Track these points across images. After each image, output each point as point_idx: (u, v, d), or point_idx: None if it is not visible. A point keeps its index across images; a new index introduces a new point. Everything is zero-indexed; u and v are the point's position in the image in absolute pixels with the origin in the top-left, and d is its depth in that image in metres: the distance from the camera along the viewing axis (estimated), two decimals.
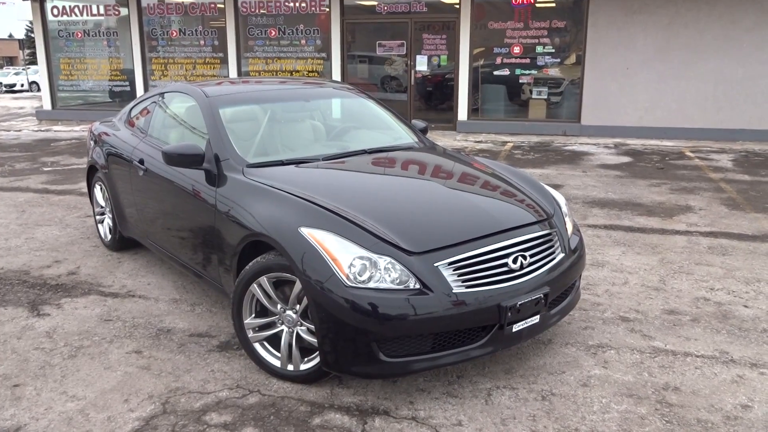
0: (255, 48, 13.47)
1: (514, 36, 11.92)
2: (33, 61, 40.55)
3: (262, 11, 13.24)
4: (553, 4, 11.72)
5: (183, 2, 13.76)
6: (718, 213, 6.28)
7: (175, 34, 13.98)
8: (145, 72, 14.23)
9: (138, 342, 3.63)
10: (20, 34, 60.47)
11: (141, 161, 4.41)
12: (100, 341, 3.64)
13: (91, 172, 5.46)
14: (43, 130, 13.66)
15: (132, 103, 5.31)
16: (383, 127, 4.57)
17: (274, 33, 13.28)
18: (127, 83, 14.56)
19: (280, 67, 13.39)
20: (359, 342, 2.81)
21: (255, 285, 3.15)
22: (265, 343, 3.23)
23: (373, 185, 3.55)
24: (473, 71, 12.26)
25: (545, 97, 12.14)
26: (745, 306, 4.06)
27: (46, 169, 9.08)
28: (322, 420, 2.84)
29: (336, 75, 12.91)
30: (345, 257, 2.85)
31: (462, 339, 2.94)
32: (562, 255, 3.32)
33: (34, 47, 15.65)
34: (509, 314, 2.92)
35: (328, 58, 13.03)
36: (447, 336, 2.91)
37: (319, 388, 3.10)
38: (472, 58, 12.18)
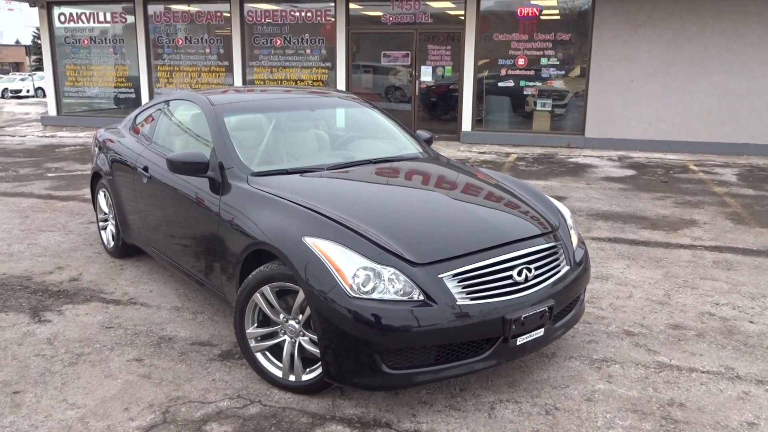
0: (260, 57, 13.53)
1: (519, 48, 11.95)
2: (39, 67, 40.77)
3: (267, 20, 13.30)
4: (558, 17, 11.76)
5: (189, 10, 13.83)
6: (723, 227, 6.25)
7: (180, 42, 14.05)
8: (150, 79, 14.29)
9: (139, 350, 3.61)
10: (27, 41, 60.83)
11: (145, 168, 4.41)
12: (101, 349, 3.62)
13: (95, 178, 5.46)
14: (47, 136, 13.70)
15: (137, 111, 5.32)
16: (388, 137, 4.56)
17: (279, 42, 13.33)
18: (132, 90, 14.62)
19: (285, 76, 13.44)
20: (362, 353, 2.79)
21: (258, 294, 3.13)
22: (267, 353, 3.21)
23: (378, 195, 3.54)
24: (478, 82, 12.29)
25: (549, 109, 12.15)
26: (751, 321, 4.03)
27: (50, 174, 9.09)
28: (324, 431, 2.82)
29: (341, 84, 12.95)
30: (349, 267, 2.84)
31: (466, 351, 2.92)
32: (567, 268, 3.30)
33: (41, 53, 15.73)
34: (514, 327, 2.90)
35: (333, 68, 13.07)
36: (451, 348, 2.89)
37: (321, 399, 3.08)
38: (477, 69, 12.21)
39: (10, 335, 3.79)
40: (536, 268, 3.12)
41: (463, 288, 2.87)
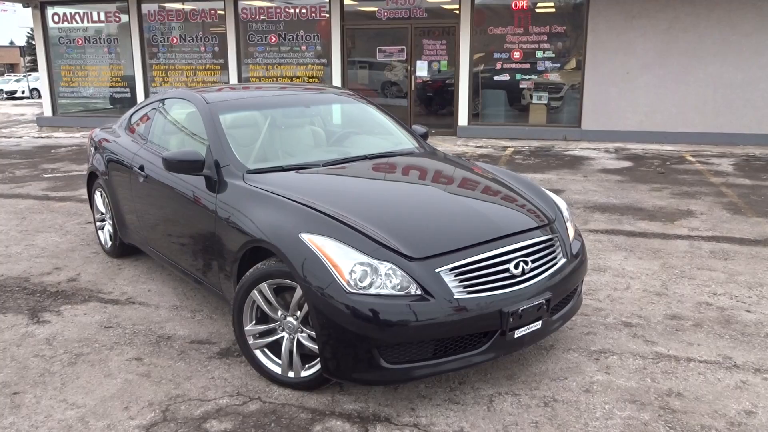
0: (255, 54, 13.50)
1: (514, 41, 11.94)
2: (34, 68, 40.63)
3: (262, 17, 13.27)
4: (553, 10, 11.74)
5: (183, 9, 13.79)
6: (720, 217, 6.27)
7: (175, 40, 14.01)
8: (145, 78, 14.26)
9: (138, 349, 3.61)
10: (21, 41, 60.66)
11: (141, 168, 4.41)
12: (100, 348, 3.63)
13: (92, 178, 5.46)
14: (43, 137, 13.67)
15: (132, 110, 5.31)
16: (383, 132, 4.56)
17: (274, 39, 13.30)
18: (127, 90, 14.59)
19: (281, 73, 13.42)
20: (360, 348, 2.79)
21: (255, 291, 3.14)
22: (266, 350, 3.21)
23: (374, 191, 3.54)
24: (473, 76, 12.28)
25: (546, 101, 12.15)
26: (748, 311, 4.04)
27: (46, 175, 9.08)
28: (323, 427, 2.83)
29: (336, 81, 12.93)
30: (346, 263, 2.84)
31: (464, 345, 2.93)
32: (563, 260, 3.31)
33: (35, 54, 15.69)
34: (511, 320, 2.91)
35: (329, 64, 13.05)
36: (449, 342, 2.89)
37: (320, 395, 3.09)
38: (473, 63, 12.20)
39: (9, 336, 3.80)
40: (533, 261, 3.12)
41: (460, 282, 2.88)
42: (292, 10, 13.07)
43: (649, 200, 7.04)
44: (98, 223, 5.46)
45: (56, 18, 14.71)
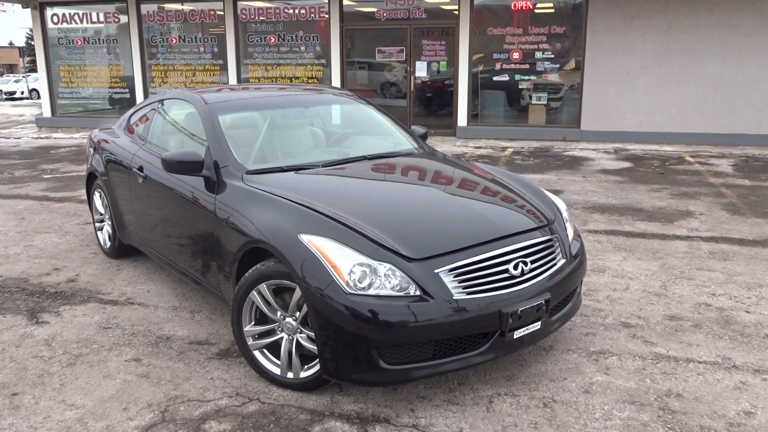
0: (254, 55, 13.50)
1: (514, 42, 11.94)
2: (33, 68, 40.64)
3: (261, 18, 13.27)
4: (552, 10, 11.75)
5: (183, 9, 13.79)
6: (719, 218, 6.27)
7: (174, 41, 14.01)
8: (144, 79, 14.26)
9: (137, 350, 3.61)
10: (20, 42, 60.64)
11: (140, 168, 4.41)
12: (99, 349, 3.62)
13: (91, 179, 5.46)
14: (42, 138, 13.67)
15: (131, 110, 5.31)
16: (383, 133, 4.56)
17: (273, 40, 13.30)
18: (126, 90, 14.58)
19: (280, 74, 13.41)
20: (359, 349, 2.79)
21: (254, 292, 3.14)
22: (265, 351, 3.21)
23: (373, 191, 3.54)
24: (473, 77, 12.28)
25: (545, 102, 12.15)
26: (747, 311, 4.04)
27: (45, 176, 9.08)
28: (322, 428, 2.83)
29: (335, 81, 12.93)
30: (345, 264, 2.84)
31: (463, 346, 2.93)
32: (563, 261, 3.31)
33: (35, 55, 15.68)
34: (510, 321, 2.91)
35: (328, 65, 13.05)
36: (448, 343, 2.89)
37: (319, 395, 3.09)
38: (472, 63, 12.20)
39: (8, 337, 3.79)
40: (532, 262, 3.12)
41: (459, 282, 2.88)
42: (291, 11, 13.07)
43: (649, 201, 7.04)
44: (97, 224, 5.46)
45: (55, 19, 14.70)
